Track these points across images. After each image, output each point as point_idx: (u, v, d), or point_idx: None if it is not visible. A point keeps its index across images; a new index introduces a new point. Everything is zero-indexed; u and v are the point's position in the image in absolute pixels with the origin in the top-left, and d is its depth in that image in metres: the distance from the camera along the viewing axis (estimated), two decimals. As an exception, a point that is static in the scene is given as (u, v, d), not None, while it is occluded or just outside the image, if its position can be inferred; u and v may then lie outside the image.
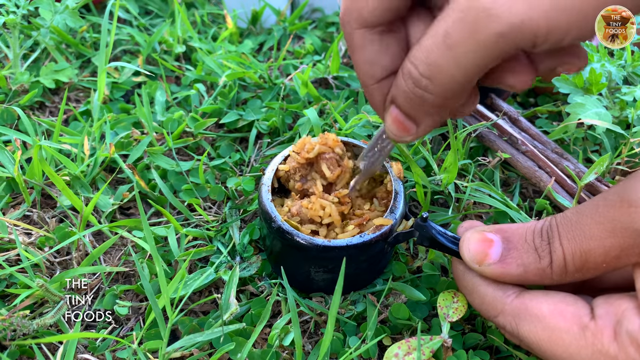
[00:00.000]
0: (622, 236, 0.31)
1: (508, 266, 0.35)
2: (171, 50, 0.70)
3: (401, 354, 0.38)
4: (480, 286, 0.37)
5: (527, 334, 0.34)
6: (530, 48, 0.28)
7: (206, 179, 0.53)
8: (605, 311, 0.32)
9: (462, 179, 0.54)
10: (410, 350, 0.38)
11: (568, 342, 0.32)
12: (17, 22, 0.61)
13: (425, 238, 0.40)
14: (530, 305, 0.34)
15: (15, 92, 0.62)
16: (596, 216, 0.32)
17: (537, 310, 0.34)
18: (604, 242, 0.31)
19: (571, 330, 0.32)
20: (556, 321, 0.33)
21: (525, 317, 0.34)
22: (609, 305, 0.32)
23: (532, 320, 0.34)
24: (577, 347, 0.32)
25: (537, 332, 0.33)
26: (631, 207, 0.30)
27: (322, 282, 0.44)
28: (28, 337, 0.41)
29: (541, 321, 0.33)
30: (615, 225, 0.31)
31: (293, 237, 0.40)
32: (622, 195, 0.31)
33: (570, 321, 0.32)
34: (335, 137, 0.45)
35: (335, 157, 0.44)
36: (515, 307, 0.35)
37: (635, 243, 0.30)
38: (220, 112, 0.60)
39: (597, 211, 0.32)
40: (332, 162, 0.44)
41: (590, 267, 0.33)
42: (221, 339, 0.40)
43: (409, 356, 0.38)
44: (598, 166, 0.47)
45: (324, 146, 0.44)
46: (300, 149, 0.44)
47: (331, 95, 0.64)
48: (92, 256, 0.45)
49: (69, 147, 0.54)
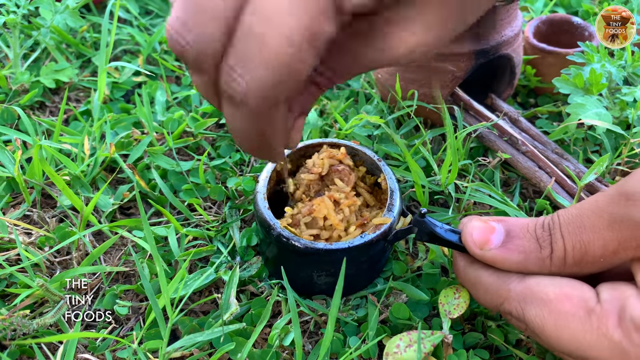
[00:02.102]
0: (619, 228, 0.31)
1: (509, 252, 0.35)
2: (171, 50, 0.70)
3: (402, 345, 0.38)
4: (483, 276, 0.37)
5: (533, 317, 0.34)
6: None
7: (206, 179, 0.53)
8: (611, 296, 0.32)
9: (462, 179, 0.54)
10: (412, 342, 0.38)
11: (574, 326, 0.32)
12: (18, 21, 0.61)
13: (424, 233, 0.40)
14: (536, 289, 0.34)
15: (15, 92, 0.62)
16: (595, 209, 0.32)
17: (543, 295, 0.34)
18: (603, 234, 0.32)
19: (577, 314, 0.32)
20: (562, 305, 0.33)
21: (532, 301, 0.34)
22: (614, 290, 0.32)
23: (538, 304, 0.34)
24: (582, 331, 0.32)
25: (544, 316, 0.33)
26: (629, 200, 0.31)
27: (324, 285, 0.44)
28: (28, 336, 0.41)
29: (547, 305, 0.33)
30: (613, 217, 0.31)
31: (293, 243, 0.40)
32: (620, 189, 0.31)
33: (576, 305, 0.32)
34: (343, 151, 0.45)
35: (346, 168, 0.44)
36: (521, 291, 0.35)
37: (633, 235, 0.31)
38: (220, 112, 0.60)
39: (596, 204, 0.33)
40: (344, 173, 0.44)
41: (589, 261, 0.33)
42: (221, 338, 0.40)
43: (410, 348, 0.38)
44: (598, 166, 0.47)
45: (333, 159, 0.44)
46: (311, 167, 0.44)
47: (331, 96, 0.64)
48: (92, 256, 0.45)
49: (69, 147, 0.54)
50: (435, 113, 0.56)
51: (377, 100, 0.59)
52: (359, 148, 0.46)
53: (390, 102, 0.59)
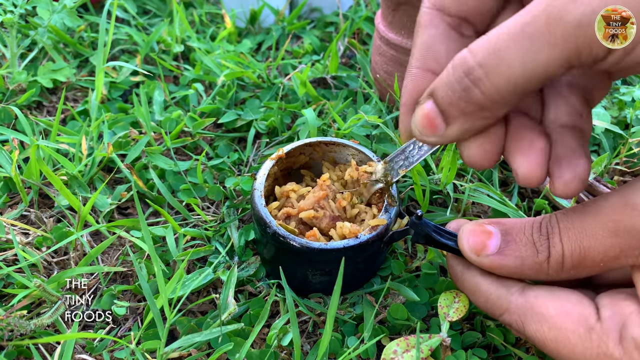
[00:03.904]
0: (623, 237, 0.31)
1: (506, 258, 0.35)
2: (169, 50, 0.70)
3: (400, 351, 0.38)
4: (482, 285, 0.37)
5: (533, 332, 0.34)
6: (602, 53, 0.27)
7: (204, 179, 0.53)
8: (612, 313, 0.32)
9: (460, 178, 0.54)
10: (409, 347, 0.38)
11: (574, 342, 0.32)
12: (15, 21, 0.60)
13: (420, 236, 0.40)
14: (536, 304, 0.34)
15: (12, 92, 0.62)
16: (599, 216, 0.32)
17: (544, 310, 0.34)
18: (605, 242, 0.31)
19: (577, 332, 0.32)
20: (562, 322, 0.33)
21: (532, 316, 0.34)
22: (615, 305, 0.32)
23: (538, 319, 0.34)
24: (582, 349, 0.32)
25: (544, 332, 0.33)
26: (634, 210, 0.30)
27: (319, 284, 0.44)
28: (25, 337, 0.41)
29: (547, 321, 0.33)
30: (617, 225, 0.31)
31: (289, 241, 0.40)
32: (626, 198, 0.31)
33: (576, 322, 0.32)
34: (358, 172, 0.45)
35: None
36: (521, 305, 0.35)
37: (637, 245, 0.31)
38: (218, 111, 0.60)
39: (600, 211, 0.32)
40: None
41: (587, 265, 0.33)
42: (219, 339, 0.40)
43: (407, 354, 0.38)
44: (596, 166, 0.47)
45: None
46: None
47: (330, 95, 0.64)
48: (90, 256, 0.45)
49: (66, 147, 0.54)
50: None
51: (375, 100, 0.59)
52: (359, 148, 0.46)
53: (388, 102, 0.59)
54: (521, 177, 0.33)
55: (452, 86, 0.30)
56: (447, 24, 0.34)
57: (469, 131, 0.32)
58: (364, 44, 0.75)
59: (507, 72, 0.27)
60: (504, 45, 0.27)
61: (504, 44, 0.27)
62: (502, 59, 0.27)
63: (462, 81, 0.29)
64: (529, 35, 0.26)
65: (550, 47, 0.26)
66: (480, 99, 0.29)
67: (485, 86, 0.28)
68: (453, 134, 0.32)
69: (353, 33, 0.75)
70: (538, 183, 0.33)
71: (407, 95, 0.36)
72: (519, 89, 0.28)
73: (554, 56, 0.26)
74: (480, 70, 0.28)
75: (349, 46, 0.72)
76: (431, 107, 0.32)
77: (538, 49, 0.26)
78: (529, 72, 0.27)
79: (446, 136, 0.32)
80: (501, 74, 0.27)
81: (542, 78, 0.27)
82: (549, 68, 0.27)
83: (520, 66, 0.27)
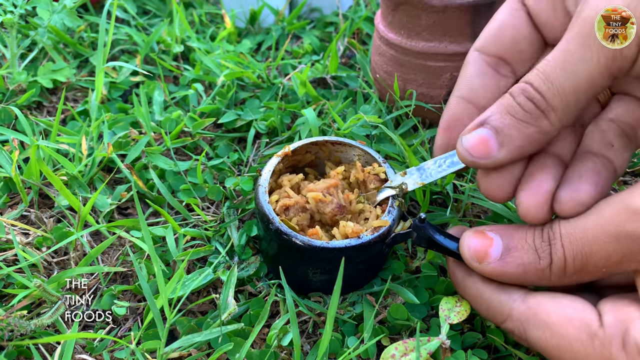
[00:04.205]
0: (625, 242, 0.31)
1: (508, 265, 0.35)
2: (169, 50, 0.70)
3: (398, 355, 0.38)
4: (484, 292, 0.37)
5: (535, 339, 0.34)
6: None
7: (204, 179, 0.53)
8: (614, 319, 0.32)
9: (460, 179, 0.54)
10: (407, 351, 0.38)
11: (577, 349, 0.32)
12: (15, 21, 0.60)
13: (423, 239, 0.40)
14: (537, 310, 0.34)
15: (12, 92, 0.62)
16: (601, 221, 0.32)
17: (546, 317, 0.34)
18: (607, 247, 0.31)
19: (580, 338, 0.32)
20: (565, 328, 0.33)
21: (534, 323, 0.34)
22: (617, 311, 0.32)
23: (540, 326, 0.34)
24: (585, 355, 0.32)
25: (546, 339, 0.33)
26: (636, 215, 0.30)
27: (319, 283, 0.44)
28: (25, 337, 0.41)
29: (550, 328, 0.33)
30: (619, 230, 0.31)
31: (291, 238, 0.40)
32: (628, 203, 0.31)
33: (578, 329, 0.32)
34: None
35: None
36: (523, 312, 0.35)
37: (639, 250, 0.31)
38: (218, 111, 0.60)
39: (602, 216, 0.32)
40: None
41: (590, 271, 0.33)
42: (219, 339, 0.40)
43: (405, 357, 0.38)
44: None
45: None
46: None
47: (329, 95, 0.64)
48: (90, 256, 0.45)
49: (66, 147, 0.54)
50: (433, 113, 0.56)
51: (375, 100, 0.59)
52: (365, 148, 0.46)
53: (388, 102, 0.59)
54: (520, 212, 0.35)
55: (512, 109, 0.34)
56: (485, 62, 0.39)
57: (519, 155, 0.35)
58: (363, 44, 0.75)
59: (573, 80, 0.31)
60: (560, 66, 0.31)
61: (551, 66, 0.32)
62: (564, 70, 0.31)
63: (524, 103, 0.33)
64: (581, 47, 0.30)
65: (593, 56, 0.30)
66: (538, 111, 0.33)
67: (548, 96, 0.32)
68: (504, 156, 0.34)
69: (353, 33, 0.75)
70: (536, 221, 0.35)
71: (444, 118, 0.40)
72: (581, 98, 0.32)
73: (598, 62, 0.30)
74: (544, 87, 0.32)
75: (348, 46, 0.72)
76: (485, 132, 0.34)
77: (589, 59, 0.30)
78: (581, 85, 0.31)
79: (497, 159, 0.35)
80: (564, 86, 0.31)
81: (595, 89, 0.31)
82: (594, 78, 0.31)
83: (572, 80, 0.31)
